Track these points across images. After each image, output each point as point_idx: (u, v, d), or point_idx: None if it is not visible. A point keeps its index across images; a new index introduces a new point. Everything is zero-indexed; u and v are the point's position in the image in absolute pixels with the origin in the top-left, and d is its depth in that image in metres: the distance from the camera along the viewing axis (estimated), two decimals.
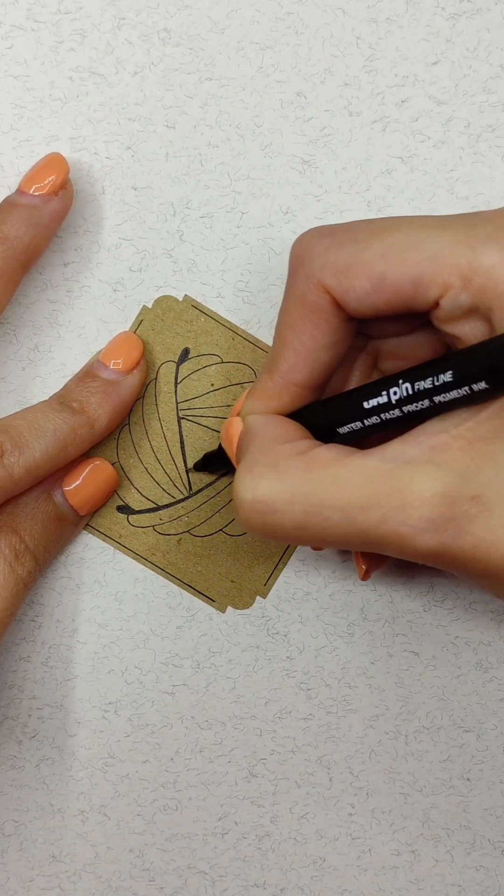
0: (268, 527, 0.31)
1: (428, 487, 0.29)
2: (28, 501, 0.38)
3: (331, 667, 0.41)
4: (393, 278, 0.30)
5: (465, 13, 0.38)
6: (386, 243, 0.30)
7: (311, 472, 0.30)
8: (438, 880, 0.42)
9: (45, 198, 0.37)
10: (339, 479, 0.30)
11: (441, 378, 0.29)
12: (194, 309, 0.39)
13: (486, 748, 0.41)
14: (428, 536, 0.29)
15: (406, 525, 0.29)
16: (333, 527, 0.30)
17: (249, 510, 0.31)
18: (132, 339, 0.39)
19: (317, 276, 0.31)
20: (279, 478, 0.30)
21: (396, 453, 0.30)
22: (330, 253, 0.31)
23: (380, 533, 0.29)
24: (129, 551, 0.40)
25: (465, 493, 0.29)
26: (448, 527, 0.29)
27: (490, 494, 0.29)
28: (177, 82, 0.38)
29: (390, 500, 0.29)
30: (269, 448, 0.31)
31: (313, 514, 0.30)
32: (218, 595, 0.40)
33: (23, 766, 0.41)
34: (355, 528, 0.29)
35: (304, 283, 0.31)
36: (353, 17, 0.38)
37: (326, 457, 0.30)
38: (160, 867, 0.42)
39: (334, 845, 0.42)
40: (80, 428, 0.37)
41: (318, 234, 0.32)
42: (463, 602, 0.40)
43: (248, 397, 0.34)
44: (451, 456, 0.29)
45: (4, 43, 0.38)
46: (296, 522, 0.30)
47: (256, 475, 0.31)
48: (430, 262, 0.29)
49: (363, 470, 0.30)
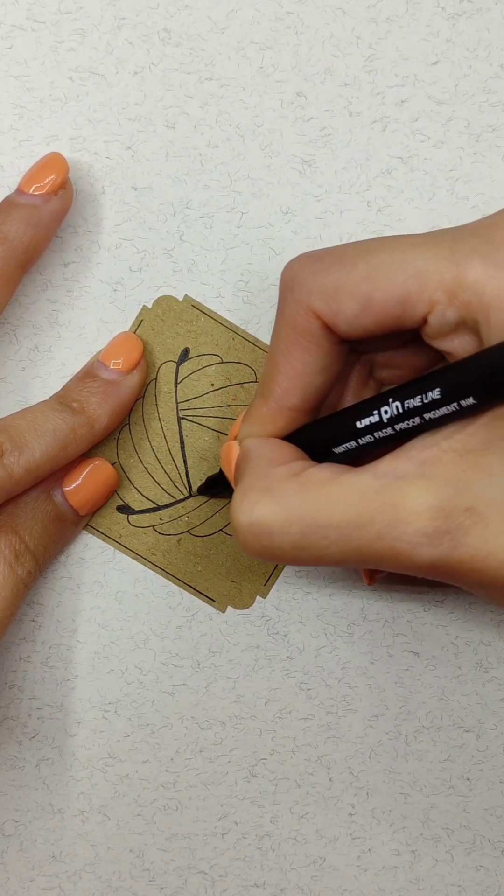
0: (266, 549, 0.31)
1: (421, 502, 0.29)
2: (28, 501, 0.38)
3: (331, 667, 0.41)
4: (380, 299, 0.30)
5: (465, 13, 0.38)
6: (371, 264, 0.30)
7: (306, 493, 0.30)
8: (438, 880, 0.42)
9: (44, 197, 0.37)
10: (333, 497, 0.30)
11: (429, 395, 0.29)
12: (194, 309, 0.39)
13: (486, 748, 0.41)
14: (424, 550, 0.29)
15: (402, 540, 0.29)
16: (331, 545, 0.30)
17: (247, 534, 0.31)
18: (132, 339, 0.39)
19: (306, 301, 0.31)
20: (274, 500, 0.30)
21: (388, 469, 0.30)
22: (317, 277, 0.31)
23: (376, 549, 0.29)
24: (129, 551, 0.40)
25: (458, 506, 0.29)
26: (444, 540, 0.29)
27: (483, 505, 0.29)
28: (177, 82, 0.38)
29: (384, 516, 0.29)
30: (264, 471, 0.32)
31: (310, 535, 0.30)
32: (218, 595, 0.40)
33: (23, 766, 0.41)
34: (352, 546, 0.30)
35: (293, 309, 0.32)
36: (353, 17, 0.38)
37: (320, 477, 0.31)
38: (160, 867, 0.42)
39: (334, 845, 0.42)
40: (80, 428, 0.37)
41: (306, 260, 0.32)
42: (463, 602, 0.40)
43: (244, 422, 0.34)
44: (443, 469, 0.29)
45: (4, 43, 0.38)
46: (294, 543, 0.30)
47: (252, 499, 0.31)
48: (416, 280, 0.29)
49: (356, 487, 0.30)
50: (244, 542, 0.31)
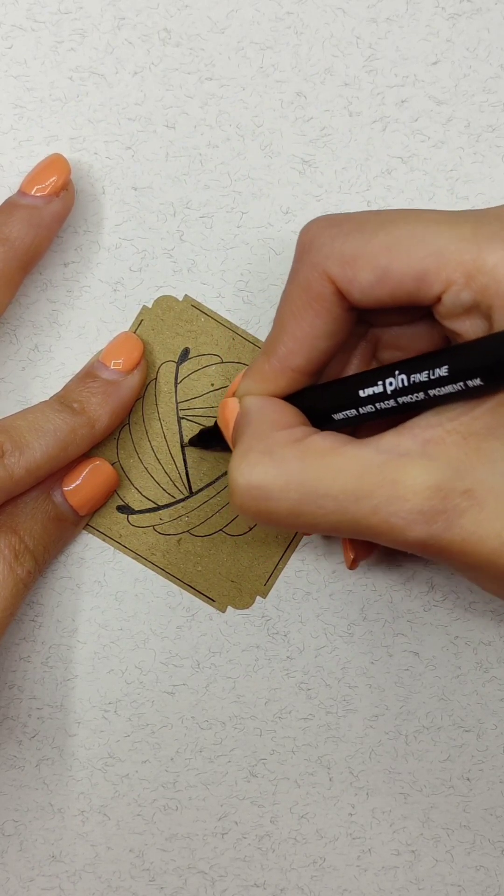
0: (262, 513, 0.31)
1: (421, 480, 0.29)
2: (28, 501, 0.38)
3: (331, 667, 0.41)
4: (397, 272, 0.30)
5: (465, 13, 0.38)
6: (392, 236, 0.30)
7: (307, 461, 0.30)
8: (438, 880, 0.42)
9: (46, 199, 0.37)
10: (333, 468, 0.30)
11: (437, 372, 0.29)
12: (194, 309, 0.39)
13: (486, 748, 0.41)
14: (418, 528, 0.29)
15: (397, 516, 0.29)
16: (326, 515, 0.30)
17: (244, 495, 0.31)
18: (132, 340, 0.39)
19: (322, 265, 0.31)
20: (275, 465, 0.31)
21: (391, 445, 0.30)
22: (336, 243, 0.31)
23: (371, 522, 0.30)
24: (129, 551, 0.40)
25: (457, 487, 0.29)
26: (438, 519, 0.29)
27: (482, 489, 0.29)
28: (177, 82, 0.38)
29: (383, 491, 0.29)
30: (266, 434, 0.32)
31: (307, 503, 0.30)
32: (218, 595, 0.40)
33: (23, 766, 0.41)
34: (348, 517, 0.30)
35: (308, 271, 0.31)
36: (353, 17, 0.38)
37: (322, 445, 0.31)
38: (160, 867, 0.42)
39: (334, 845, 0.42)
40: (81, 428, 0.37)
41: (326, 224, 0.32)
42: (463, 602, 0.40)
43: (245, 378, 0.34)
44: (445, 450, 0.30)
45: (4, 43, 0.38)
46: (290, 509, 0.31)
47: (252, 461, 0.31)
48: (435, 258, 0.29)
49: (358, 460, 0.30)
50: (241, 503, 0.31)
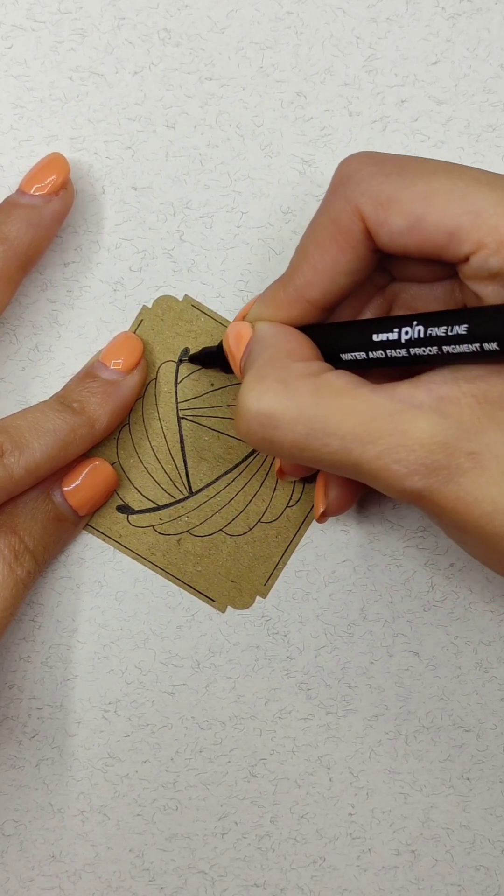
0: (266, 440, 0.31)
1: (430, 434, 0.29)
2: (28, 501, 0.38)
3: (331, 667, 0.41)
4: (430, 223, 0.30)
5: (465, 13, 0.38)
6: (431, 186, 0.30)
7: (321, 397, 0.31)
8: (438, 880, 0.42)
9: (45, 198, 0.37)
10: (345, 408, 0.30)
11: (455, 329, 0.29)
12: (194, 309, 0.39)
13: (486, 748, 0.41)
14: (417, 478, 0.29)
15: (400, 463, 0.29)
16: (330, 453, 0.30)
17: (252, 421, 0.31)
18: (132, 340, 0.39)
19: (356, 201, 0.31)
20: (288, 396, 0.31)
21: (405, 395, 0.30)
22: (374, 181, 0.31)
23: (373, 467, 0.30)
24: (129, 551, 0.40)
25: (463, 447, 0.29)
26: (439, 473, 0.29)
27: (487, 454, 0.29)
28: (177, 82, 0.38)
29: (391, 439, 0.30)
30: (282, 363, 0.32)
31: (314, 438, 0.30)
32: (218, 595, 0.40)
33: (23, 766, 0.41)
34: (351, 458, 0.30)
35: (341, 205, 0.31)
36: (353, 17, 0.38)
37: (337, 384, 0.31)
38: (160, 867, 0.42)
39: (334, 845, 0.42)
40: (81, 428, 0.37)
41: (367, 160, 0.31)
42: (463, 602, 0.40)
43: (258, 302, 0.34)
44: (458, 410, 0.30)
45: (4, 43, 0.38)
46: (295, 442, 0.31)
47: (265, 388, 0.31)
48: (471, 217, 0.29)
49: (371, 405, 0.30)
50: (247, 429, 0.31)
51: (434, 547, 0.40)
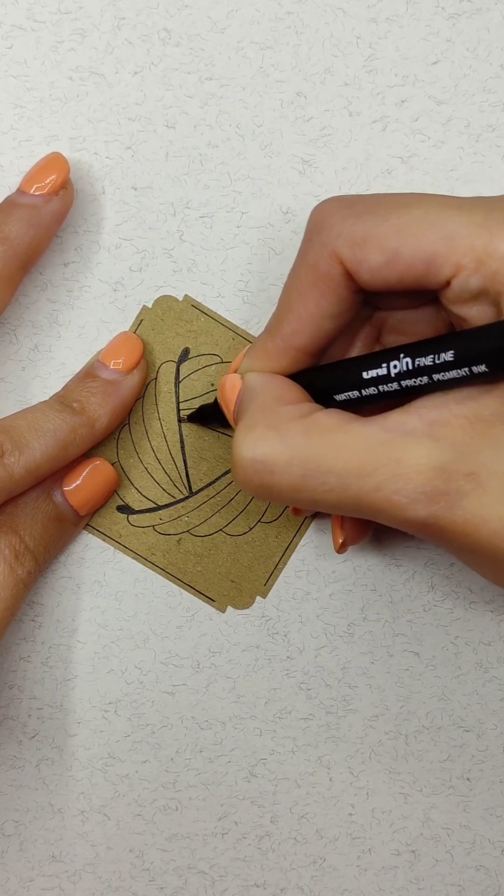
0: (264, 487, 0.31)
1: (425, 460, 0.29)
2: (28, 501, 0.38)
3: (331, 667, 0.41)
4: (407, 254, 0.30)
5: (465, 13, 0.38)
6: (404, 219, 0.30)
7: (312, 437, 0.31)
8: (438, 880, 0.42)
9: (45, 198, 0.37)
10: (338, 445, 0.30)
11: (442, 357, 0.29)
12: (194, 309, 0.39)
13: (486, 748, 0.41)
14: (420, 507, 0.29)
15: (400, 494, 0.29)
16: (329, 491, 0.30)
17: (248, 469, 0.31)
18: (132, 340, 0.39)
19: (332, 245, 0.31)
20: (280, 440, 0.31)
21: (396, 424, 0.30)
22: (347, 223, 0.31)
23: (373, 500, 0.30)
24: (129, 551, 0.40)
25: (460, 470, 0.29)
26: (441, 500, 0.29)
27: (485, 473, 0.29)
28: (177, 82, 0.38)
29: (387, 469, 0.29)
30: (271, 408, 0.32)
31: (311, 478, 0.30)
32: (218, 595, 0.40)
33: (23, 766, 0.41)
34: (350, 494, 0.30)
35: (318, 251, 0.31)
36: (353, 17, 0.38)
37: (327, 422, 0.31)
38: (160, 867, 0.42)
39: (334, 845, 0.42)
40: (81, 428, 0.37)
41: (338, 204, 0.32)
42: (463, 602, 0.40)
43: (247, 356, 0.34)
44: (451, 432, 0.30)
45: (4, 43, 0.38)
46: (292, 485, 0.31)
47: (257, 435, 0.31)
48: (446, 242, 0.29)
49: (363, 438, 0.30)
50: (244, 478, 0.31)
51: (434, 547, 0.40)
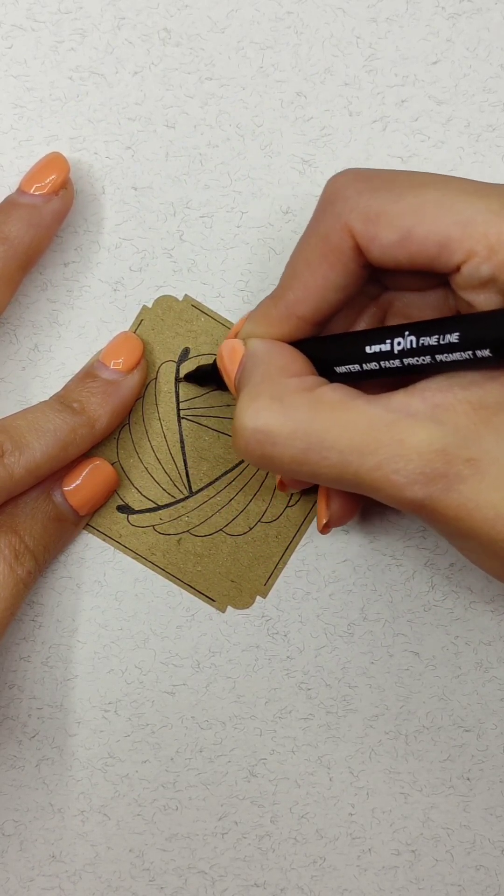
0: (265, 457, 0.31)
1: (427, 442, 0.29)
2: (28, 501, 0.38)
3: (331, 667, 0.41)
4: (420, 235, 0.30)
5: (465, 13, 0.38)
6: (420, 199, 0.30)
7: (316, 411, 0.31)
8: (438, 880, 0.42)
9: (45, 197, 0.37)
10: (342, 421, 0.30)
11: (447, 338, 0.30)
12: (194, 309, 0.39)
13: (486, 748, 0.41)
14: (417, 487, 0.30)
15: (399, 473, 0.30)
16: (329, 466, 0.30)
17: (250, 439, 0.31)
18: (132, 339, 0.39)
19: (345, 218, 0.31)
20: (284, 412, 0.31)
21: (401, 405, 0.30)
22: (363, 197, 0.31)
23: (373, 478, 0.30)
24: (129, 551, 0.40)
25: (461, 454, 0.29)
26: (439, 482, 0.29)
27: (486, 460, 0.29)
28: (177, 82, 0.38)
29: (389, 449, 0.30)
30: (276, 379, 0.32)
31: (312, 452, 0.30)
32: (218, 595, 0.40)
33: (23, 766, 0.41)
34: (350, 470, 0.30)
35: (331, 222, 0.31)
36: (353, 16, 0.38)
37: (332, 397, 0.31)
38: (160, 867, 0.42)
39: (334, 845, 0.42)
40: (81, 428, 0.37)
41: (355, 177, 0.32)
42: (463, 602, 0.40)
43: (249, 320, 0.34)
44: (454, 417, 0.30)
45: (4, 43, 0.38)
46: (294, 457, 0.31)
47: (261, 405, 0.31)
48: (460, 227, 0.29)
49: (367, 416, 0.30)
50: (245, 446, 0.31)
51: (434, 547, 0.40)
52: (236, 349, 0.34)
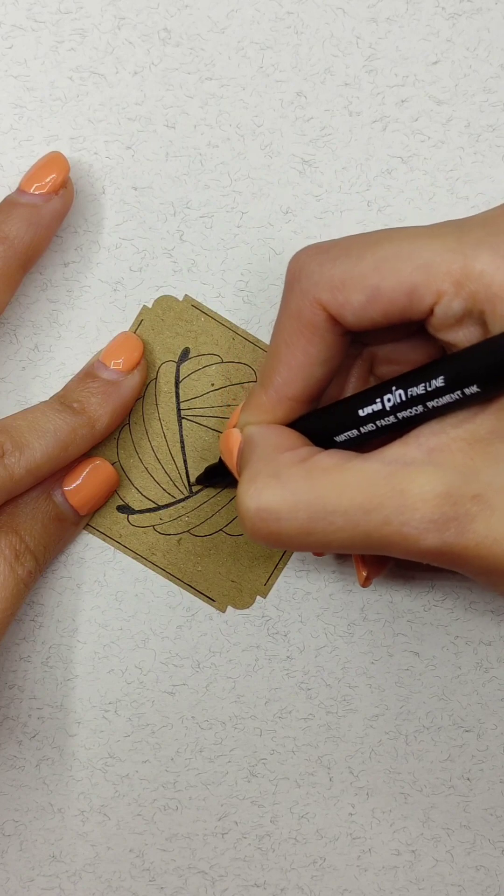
0: (273, 535, 0.31)
1: (429, 488, 0.29)
2: (28, 501, 0.38)
3: (331, 667, 0.41)
4: (387, 289, 0.30)
5: (465, 13, 0.38)
6: (379, 255, 0.30)
7: (313, 479, 0.31)
8: (438, 880, 0.42)
9: (45, 197, 0.37)
10: (341, 483, 0.30)
11: (433, 383, 0.29)
12: (194, 309, 0.39)
13: (486, 748, 0.41)
14: (431, 536, 0.29)
15: (409, 525, 0.29)
16: (338, 531, 0.30)
17: (255, 519, 0.31)
18: (132, 340, 0.39)
19: (312, 293, 0.31)
20: (282, 486, 0.31)
21: (396, 456, 0.30)
22: (325, 269, 0.31)
23: (383, 534, 0.30)
24: (130, 551, 0.40)
25: (466, 493, 0.29)
26: (451, 526, 0.29)
27: (490, 492, 0.29)
28: (177, 82, 0.38)
29: (392, 502, 0.29)
30: (271, 457, 0.32)
31: (318, 520, 0.30)
32: (218, 595, 0.40)
33: (23, 766, 0.41)
34: (359, 531, 0.30)
35: (299, 300, 0.32)
36: (353, 16, 0.38)
37: (328, 462, 0.31)
38: (160, 867, 0.42)
39: (334, 845, 0.42)
40: (81, 428, 0.37)
41: (314, 251, 0.32)
42: (463, 602, 0.40)
43: (244, 410, 0.34)
44: (451, 457, 0.30)
45: (4, 43, 0.38)
46: (300, 529, 0.30)
47: (260, 485, 0.31)
48: (423, 271, 0.29)
49: (364, 473, 0.30)
50: (252, 528, 0.31)
51: None
52: (234, 439, 0.34)
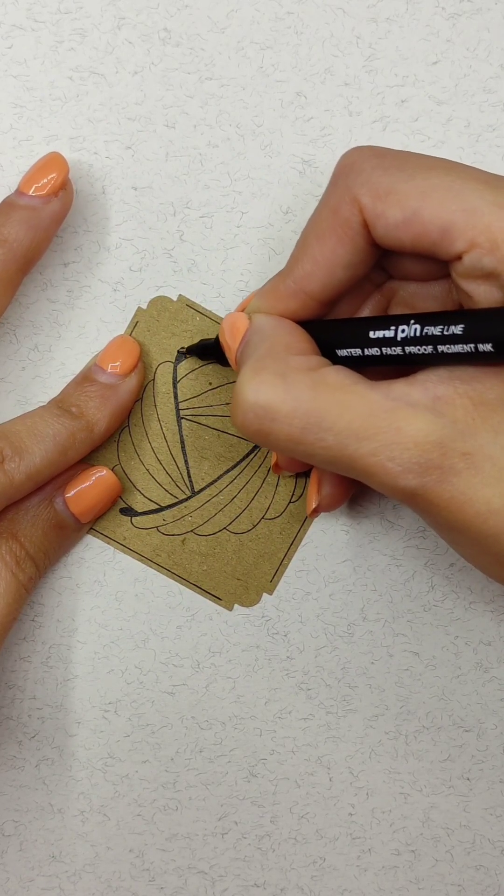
0: (262, 433, 0.31)
1: (425, 433, 0.29)
2: (29, 508, 0.37)
3: (331, 667, 0.41)
4: (425, 218, 0.30)
5: (465, 13, 0.38)
6: (430, 182, 0.30)
7: (318, 392, 0.31)
8: (438, 880, 0.42)
9: (44, 199, 0.36)
10: (342, 404, 0.30)
11: (451, 329, 0.30)
12: (189, 308, 0.39)
13: (486, 748, 0.41)
14: (411, 476, 0.30)
15: (394, 461, 0.30)
16: (325, 448, 0.30)
17: (249, 412, 0.31)
18: (129, 342, 0.39)
19: (355, 192, 0.31)
20: (286, 389, 0.31)
21: (401, 394, 0.30)
22: (375, 173, 0.31)
23: (367, 464, 0.30)
24: (134, 553, 0.40)
25: (457, 448, 0.29)
26: (433, 473, 0.30)
27: (481, 455, 0.29)
28: (177, 82, 0.38)
29: (386, 437, 0.30)
30: (280, 355, 0.32)
31: (310, 433, 0.30)
32: (225, 593, 0.40)
33: (23, 766, 0.41)
34: (345, 454, 0.30)
35: (341, 195, 0.31)
36: (353, 17, 0.38)
37: (335, 379, 0.31)
38: (160, 867, 0.42)
39: (334, 845, 0.42)
40: (80, 432, 0.37)
41: (369, 153, 0.32)
42: (463, 602, 0.40)
43: (257, 295, 0.34)
44: (454, 410, 0.30)
45: (4, 43, 0.38)
46: (291, 436, 0.31)
47: (263, 380, 0.31)
48: (465, 215, 0.29)
49: (367, 401, 0.30)
50: (244, 420, 0.31)
51: (434, 547, 0.40)
52: (239, 323, 0.34)
